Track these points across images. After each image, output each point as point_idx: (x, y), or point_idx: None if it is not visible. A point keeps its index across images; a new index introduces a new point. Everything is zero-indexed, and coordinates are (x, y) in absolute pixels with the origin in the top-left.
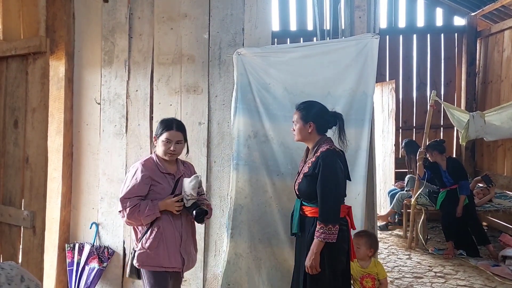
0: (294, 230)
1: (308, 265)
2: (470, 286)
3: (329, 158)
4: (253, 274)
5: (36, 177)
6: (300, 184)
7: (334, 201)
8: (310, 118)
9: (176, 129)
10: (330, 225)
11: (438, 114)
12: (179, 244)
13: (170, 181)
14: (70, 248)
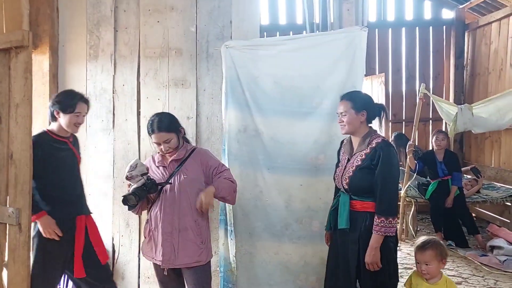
0: (344, 225)
1: (369, 262)
2: (458, 276)
3: (389, 149)
4: (245, 268)
5: (20, 174)
6: (352, 178)
7: (394, 193)
8: (363, 107)
9: (158, 131)
10: (390, 218)
11: (427, 107)
12: (160, 237)
13: (164, 172)
14: None
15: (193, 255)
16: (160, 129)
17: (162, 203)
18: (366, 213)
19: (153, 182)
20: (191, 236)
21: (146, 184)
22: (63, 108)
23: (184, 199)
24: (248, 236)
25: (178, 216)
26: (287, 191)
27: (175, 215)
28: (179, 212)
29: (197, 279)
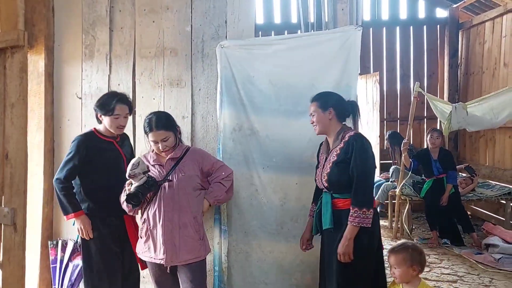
0: (328, 225)
1: (341, 252)
2: (454, 274)
3: (361, 140)
4: (240, 267)
5: (16, 173)
6: (329, 175)
7: (369, 184)
8: (329, 105)
9: (157, 129)
10: (364, 208)
11: (422, 106)
12: (162, 236)
13: (160, 171)
14: (53, 245)
15: (194, 251)
16: (158, 127)
17: (160, 201)
18: (349, 210)
19: (154, 180)
20: (191, 233)
21: (147, 182)
22: (102, 111)
23: (183, 196)
24: (244, 234)
25: (178, 213)
26: (283, 190)
27: (175, 213)
28: (179, 209)
29: (194, 275)
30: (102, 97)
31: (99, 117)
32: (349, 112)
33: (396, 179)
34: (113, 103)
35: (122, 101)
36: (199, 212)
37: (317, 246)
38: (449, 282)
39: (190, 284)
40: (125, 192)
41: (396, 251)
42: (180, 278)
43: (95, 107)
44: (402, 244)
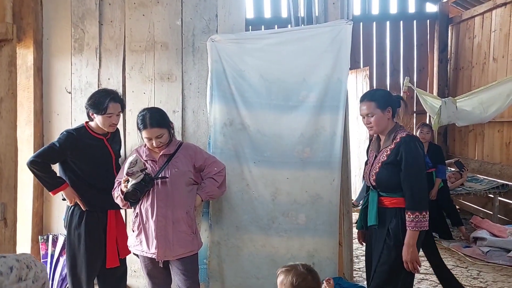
0: (373, 222)
1: (408, 260)
2: None
3: (412, 143)
4: (232, 262)
5: (6, 168)
6: (378, 174)
7: (422, 187)
8: (388, 104)
9: (151, 127)
10: (423, 211)
11: (411, 100)
12: (154, 231)
13: (153, 166)
14: (43, 240)
15: (186, 245)
16: (153, 124)
17: (153, 197)
18: (395, 209)
19: (150, 177)
20: (184, 228)
21: (145, 179)
22: (95, 110)
23: (176, 192)
24: (235, 229)
25: (171, 209)
26: (274, 185)
27: (168, 208)
28: (172, 205)
29: (186, 268)
30: (94, 95)
31: (91, 115)
32: (397, 107)
33: None
34: (107, 102)
35: (115, 100)
36: (192, 207)
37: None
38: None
39: (183, 277)
40: (121, 188)
41: (285, 270)
42: (172, 271)
43: (87, 106)
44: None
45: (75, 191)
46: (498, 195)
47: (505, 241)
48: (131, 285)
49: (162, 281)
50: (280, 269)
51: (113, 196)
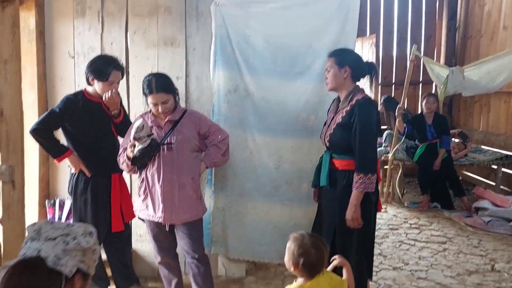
0: (324, 183)
1: (350, 218)
2: (443, 235)
3: (366, 106)
4: (235, 228)
5: (12, 131)
6: (332, 135)
7: (372, 150)
8: (346, 62)
9: (156, 92)
10: (369, 174)
11: (418, 70)
12: (161, 195)
13: (158, 132)
14: (50, 204)
15: (192, 210)
16: (158, 89)
17: (159, 162)
18: (345, 172)
19: (156, 142)
20: (189, 193)
21: (151, 144)
22: (96, 77)
23: (181, 157)
24: (239, 196)
25: (177, 174)
26: (278, 153)
27: (174, 173)
28: (178, 170)
29: (191, 232)
30: (95, 61)
31: (90, 80)
32: (365, 73)
33: (389, 144)
34: (109, 69)
35: (117, 68)
36: (197, 173)
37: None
38: (438, 243)
39: (188, 241)
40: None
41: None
42: (177, 235)
43: (87, 71)
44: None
45: (81, 158)
46: (501, 166)
47: (507, 211)
48: (137, 249)
49: (167, 245)
50: (292, 234)
51: (119, 162)
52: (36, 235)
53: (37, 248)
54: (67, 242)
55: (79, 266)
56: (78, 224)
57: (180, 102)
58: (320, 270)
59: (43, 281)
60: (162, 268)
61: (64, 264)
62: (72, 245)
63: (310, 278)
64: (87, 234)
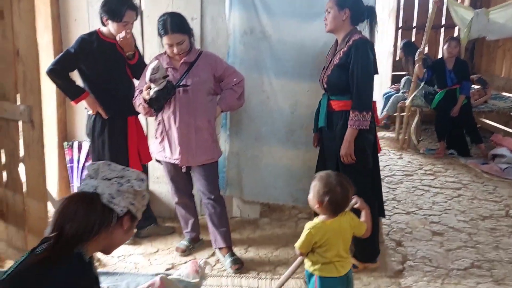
0: (321, 124)
1: (343, 154)
2: (458, 182)
3: (363, 45)
4: (250, 171)
5: (28, 71)
6: (329, 76)
7: (367, 88)
8: (346, 4)
9: (172, 32)
10: (364, 111)
11: (440, 13)
12: (177, 138)
13: (174, 74)
14: (69, 146)
15: (208, 152)
16: (174, 30)
17: (176, 104)
18: (342, 112)
19: (172, 84)
20: (205, 136)
21: (167, 86)
22: (110, 17)
23: (197, 100)
24: (254, 140)
25: (193, 117)
26: (294, 97)
27: (190, 116)
28: (194, 113)
29: (208, 174)
30: (109, 1)
31: (104, 21)
32: (365, 17)
33: (407, 90)
34: (124, 9)
35: (132, 8)
36: (213, 117)
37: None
38: (453, 189)
39: (204, 182)
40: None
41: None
42: (193, 177)
43: (101, 11)
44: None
45: (95, 99)
46: None
47: None
48: (154, 191)
49: (184, 186)
50: (317, 173)
51: (135, 104)
52: (94, 174)
53: (94, 185)
54: (121, 184)
55: (129, 208)
56: (132, 170)
57: (195, 44)
58: (343, 209)
59: (97, 215)
60: (179, 208)
61: (117, 204)
62: (126, 187)
63: (332, 216)
64: (139, 179)
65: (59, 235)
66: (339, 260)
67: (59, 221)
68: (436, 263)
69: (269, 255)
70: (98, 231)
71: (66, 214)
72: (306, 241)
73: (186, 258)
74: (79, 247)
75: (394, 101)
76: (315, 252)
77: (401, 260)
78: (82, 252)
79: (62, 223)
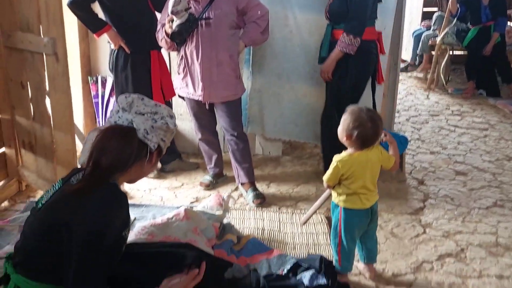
0: (324, 54)
1: (322, 69)
2: (485, 122)
3: None
4: (272, 109)
5: (51, 2)
6: (331, 5)
7: (361, 13)
8: None
9: None
10: (351, 35)
11: None
12: (200, 73)
13: (196, 7)
14: (93, 81)
15: (230, 88)
16: None
17: (198, 38)
18: None
19: (194, 17)
20: (227, 70)
21: (189, 19)
22: None
23: (219, 34)
24: (277, 77)
25: (215, 51)
26: (318, 32)
27: (212, 50)
28: (216, 47)
29: (231, 110)
30: None
31: None
32: None
33: (438, 27)
34: None
35: None
36: (235, 52)
37: None
38: (479, 130)
39: (227, 119)
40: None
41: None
42: (217, 113)
43: None
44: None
45: (117, 33)
46: None
47: None
48: (178, 127)
49: (207, 122)
50: (349, 107)
51: (157, 38)
52: (127, 107)
53: (128, 119)
54: (155, 120)
55: (159, 144)
56: (163, 106)
57: None
58: (372, 145)
59: (133, 149)
60: (203, 145)
61: (150, 139)
62: (159, 124)
63: (360, 150)
64: (171, 116)
65: (95, 167)
66: (364, 192)
67: (96, 153)
68: (458, 202)
69: (290, 191)
70: (132, 165)
71: (102, 147)
72: (334, 174)
73: (210, 192)
74: (112, 178)
75: (425, 40)
76: (342, 184)
77: (422, 198)
78: (117, 183)
79: (99, 155)
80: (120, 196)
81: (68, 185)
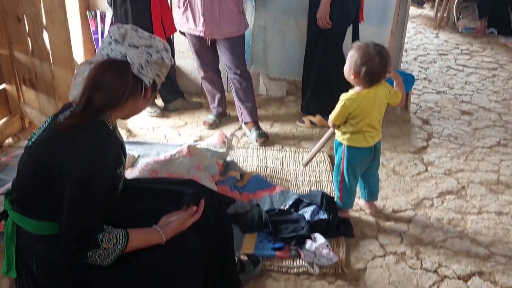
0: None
1: (318, 17)
2: (495, 62)
3: None
4: (276, 47)
5: None
6: None
7: None
8: None
9: None
10: None
11: None
12: (201, 7)
13: None
14: (92, 16)
15: (233, 24)
16: None
17: None
18: None
19: None
20: (229, 5)
21: None
22: None
23: None
24: (282, 13)
25: None
26: None
27: None
28: None
29: (234, 48)
30: None
31: None
32: None
33: None
34: None
35: None
36: None
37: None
38: (488, 69)
39: (230, 56)
40: None
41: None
42: (219, 51)
43: None
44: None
45: None
46: None
47: None
48: (180, 66)
49: (209, 60)
50: (354, 43)
51: None
52: (120, 39)
53: (122, 52)
54: (150, 54)
55: (155, 79)
56: (158, 38)
57: None
58: (380, 80)
59: (127, 85)
60: (205, 83)
61: (145, 75)
62: (155, 58)
63: (368, 87)
64: (166, 49)
65: (87, 104)
66: (369, 131)
67: (88, 89)
68: (461, 141)
69: (294, 130)
70: (126, 101)
71: (96, 83)
72: (341, 113)
73: (214, 131)
74: (103, 116)
75: None
76: (347, 123)
77: (426, 137)
78: (107, 120)
79: (92, 91)
80: (110, 135)
81: (57, 122)
